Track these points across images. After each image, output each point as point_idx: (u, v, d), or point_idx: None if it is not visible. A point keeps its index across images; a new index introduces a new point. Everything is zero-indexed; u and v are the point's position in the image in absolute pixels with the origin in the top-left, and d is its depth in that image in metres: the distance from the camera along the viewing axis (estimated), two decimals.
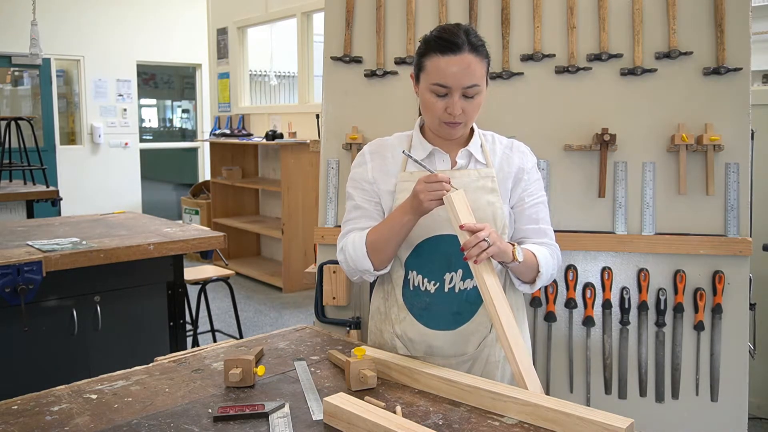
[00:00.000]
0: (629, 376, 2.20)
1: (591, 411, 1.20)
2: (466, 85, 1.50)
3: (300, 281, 5.91)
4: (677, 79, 2.16)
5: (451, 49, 1.49)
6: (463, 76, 1.49)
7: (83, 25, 8.50)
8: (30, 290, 2.29)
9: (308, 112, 6.27)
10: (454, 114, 1.52)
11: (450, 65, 1.49)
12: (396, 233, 1.54)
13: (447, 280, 1.60)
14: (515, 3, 2.24)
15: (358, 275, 1.64)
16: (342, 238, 1.67)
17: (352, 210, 1.68)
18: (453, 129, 1.57)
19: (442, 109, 1.53)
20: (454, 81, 1.49)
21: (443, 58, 1.50)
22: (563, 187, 2.22)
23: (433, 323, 1.62)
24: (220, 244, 2.85)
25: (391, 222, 1.55)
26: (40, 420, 1.26)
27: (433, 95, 1.53)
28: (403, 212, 1.52)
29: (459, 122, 1.55)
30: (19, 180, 4.96)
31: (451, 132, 1.58)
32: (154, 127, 9.77)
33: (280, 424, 1.24)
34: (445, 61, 1.49)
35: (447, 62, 1.49)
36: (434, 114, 1.55)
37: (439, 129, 1.59)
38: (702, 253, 2.13)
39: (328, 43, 2.34)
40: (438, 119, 1.56)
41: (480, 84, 1.52)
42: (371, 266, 1.59)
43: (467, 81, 1.50)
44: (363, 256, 1.58)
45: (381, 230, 1.57)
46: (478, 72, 1.51)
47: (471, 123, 1.60)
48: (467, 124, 1.58)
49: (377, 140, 1.73)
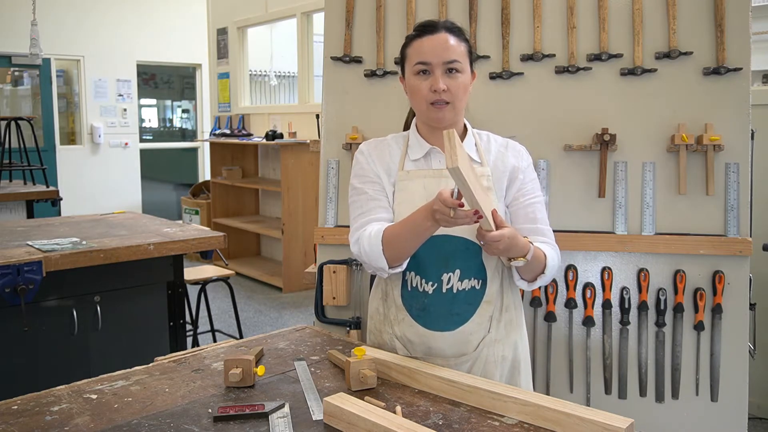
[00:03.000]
0: (629, 376, 2.20)
1: (591, 411, 1.20)
2: (446, 59, 1.55)
3: (300, 281, 5.91)
4: (677, 79, 2.16)
5: (428, 30, 1.59)
6: (442, 50, 1.56)
7: (83, 25, 8.50)
8: (30, 290, 2.29)
9: (308, 112, 6.27)
10: (438, 89, 1.54)
11: (428, 43, 1.57)
12: (417, 235, 1.50)
13: (444, 281, 1.59)
14: (515, 3, 2.24)
15: (373, 270, 1.62)
16: (357, 230, 1.61)
17: (368, 201, 1.63)
18: (441, 111, 1.57)
19: (427, 89, 1.56)
20: (434, 56, 1.55)
21: (421, 39, 1.59)
22: (563, 187, 2.22)
23: (431, 324, 1.62)
24: (220, 244, 2.85)
25: (412, 223, 1.49)
26: (40, 420, 1.26)
27: (417, 77, 1.58)
28: (425, 217, 1.45)
29: (445, 101, 1.55)
30: (19, 180, 4.96)
31: (438, 115, 1.57)
32: (154, 127, 9.77)
33: (280, 424, 1.24)
34: (422, 41, 1.59)
35: (424, 41, 1.58)
36: (420, 96, 1.58)
37: (427, 114, 1.59)
38: (702, 253, 2.13)
39: (328, 43, 2.34)
40: (425, 101, 1.57)
41: (461, 61, 1.57)
42: (386, 264, 1.55)
43: (447, 56, 1.55)
44: (378, 254, 1.54)
45: (400, 230, 1.52)
46: (457, 50, 1.57)
47: (459, 105, 1.59)
48: (455, 105, 1.57)
49: (373, 140, 1.73)
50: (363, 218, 1.62)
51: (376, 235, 1.55)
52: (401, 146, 1.68)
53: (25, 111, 8.39)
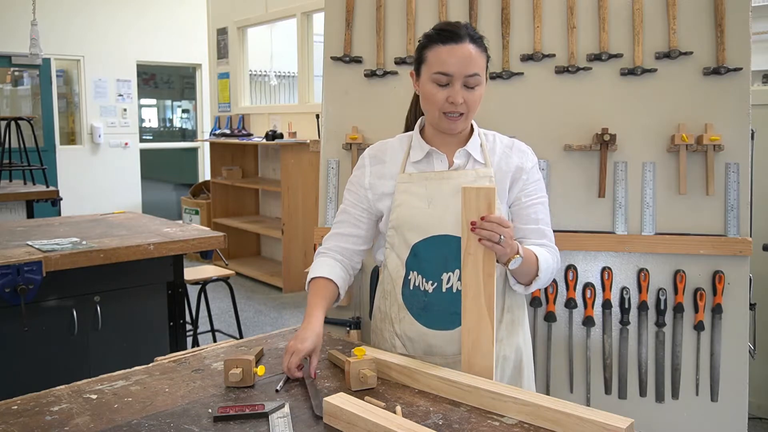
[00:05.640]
0: (629, 376, 2.20)
1: (591, 411, 1.20)
2: (468, 73, 1.52)
3: (300, 281, 5.91)
4: (677, 79, 2.16)
5: (453, 38, 1.52)
6: (465, 64, 1.51)
7: (83, 25, 8.49)
8: (30, 290, 2.29)
9: (308, 112, 6.27)
10: (456, 102, 1.52)
11: (452, 53, 1.52)
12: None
13: (444, 280, 1.60)
14: (515, 3, 2.24)
15: None
16: (324, 242, 1.73)
17: (341, 213, 1.73)
18: (454, 122, 1.57)
19: (444, 99, 1.54)
20: (456, 68, 1.51)
21: (445, 47, 1.53)
22: (563, 187, 2.22)
23: (431, 323, 1.62)
24: (220, 244, 2.85)
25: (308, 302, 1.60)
26: (40, 420, 1.26)
27: (435, 85, 1.55)
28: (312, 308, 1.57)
29: (460, 113, 1.55)
30: (19, 180, 4.96)
31: (451, 125, 1.58)
32: (154, 127, 9.77)
33: (280, 424, 1.24)
34: (446, 49, 1.52)
35: (449, 51, 1.52)
36: (436, 105, 1.56)
37: (440, 122, 1.59)
38: (702, 253, 2.13)
39: (328, 43, 2.34)
40: (439, 110, 1.56)
41: (481, 75, 1.54)
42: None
43: (469, 69, 1.52)
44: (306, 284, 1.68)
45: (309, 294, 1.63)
46: (479, 63, 1.53)
47: (471, 116, 1.60)
48: (468, 117, 1.58)
49: (379, 143, 1.74)
50: (333, 228, 1.73)
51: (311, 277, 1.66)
52: (405, 148, 1.68)
53: (25, 111, 8.38)
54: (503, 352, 1.65)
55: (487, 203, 1.39)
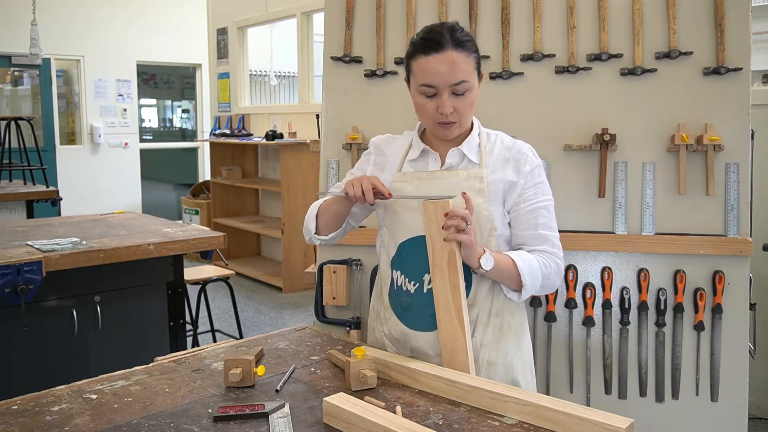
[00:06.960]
0: (629, 376, 2.20)
1: (591, 411, 1.20)
2: (453, 82, 1.49)
3: (300, 281, 5.91)
4: (677, 79, 2.16)
5: (434, 48, 1.48)
6: (449, 73, 1.48)
7: (83, 25, 8.49)
8: (30, 290, 2.29)
9: (308, 112, 6.27)
10: (445, 113, 1.51)
11: (434, 64, 1.48)
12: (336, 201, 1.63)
13: (426, 281, 1.57)
14: (515, 3, 2.24)
15: (308, 238, 1.73)
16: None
17: (336, 187, 1.72)
18: (447, 129, 1.56)
19: (434, 110, 1.52)
20: (440, 79, 1.49)
21: (427, 57, 1.49)
22: (563, 187, 2.21)
23: (413, 324, 1.60)
24: (220, 244, 2.85)
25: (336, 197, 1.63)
26: (40, 420, 1.26)
27: (423, 96, 1.53)
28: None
29: (452, 121, 1.54)
30: (19, 180, 4.96)
31: (446, 133, 1.57)
32: (154, 127, 9.77)
33: (280, 424, 1.24)
34: (428, 60, 1.49)
35: (430, 61, 1.49)
36: (427, 116, 1.55)
37: (434, 130, 1.59)
38: (702, 253, 2.13)
39: (328, 43, 2.34)
40: (431, 120, 1.55)
41: (469, 80, 1.50)
42: (313, 228, 1.70)
43: (453, 78, 1.48)
44: (311, 217, 1.70)
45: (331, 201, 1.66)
46: (464, 67, 1.49)
47: (466, 121, 1.58)
48: (462, 123, 1.56)
49: (386, 136, 1.76)
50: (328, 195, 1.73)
51: (318, 203, 1.70)
52: (406, 146, 1.68)
53: (25, 111, 8.38)
54: (488, 357, 1.59)
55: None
